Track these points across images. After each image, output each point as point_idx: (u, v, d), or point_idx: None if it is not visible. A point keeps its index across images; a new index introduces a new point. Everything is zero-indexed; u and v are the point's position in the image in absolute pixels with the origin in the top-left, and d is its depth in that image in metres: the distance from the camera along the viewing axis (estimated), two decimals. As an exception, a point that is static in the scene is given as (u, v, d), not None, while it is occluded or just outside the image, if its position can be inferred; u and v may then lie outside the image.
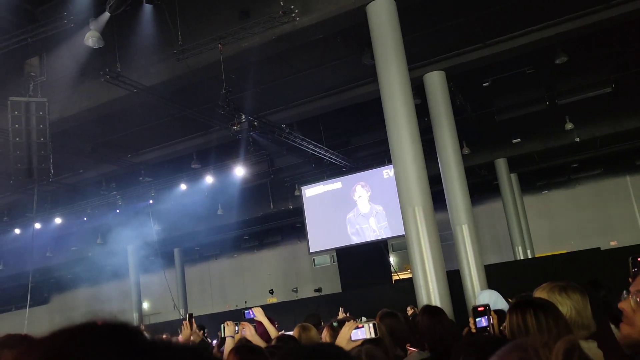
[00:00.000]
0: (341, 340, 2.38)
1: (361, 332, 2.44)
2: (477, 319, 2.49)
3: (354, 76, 10.90)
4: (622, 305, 1.60)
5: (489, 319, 2.48)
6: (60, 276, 22.64)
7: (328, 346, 1.33)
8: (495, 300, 4.29)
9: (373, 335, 2.44)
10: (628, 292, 2.25)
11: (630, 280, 2.20)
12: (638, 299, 1.55)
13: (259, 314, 3.84)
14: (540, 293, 2.15)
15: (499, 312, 2.59)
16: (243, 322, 3.78)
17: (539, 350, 0.70)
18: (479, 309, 2.50)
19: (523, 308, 1.97)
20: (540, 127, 14.78)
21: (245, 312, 3.93)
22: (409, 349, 3.29)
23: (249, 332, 3.66)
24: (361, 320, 3.92)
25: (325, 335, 3.31)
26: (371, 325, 2.48)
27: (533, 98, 13.04)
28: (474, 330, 2.48)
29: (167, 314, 20.32)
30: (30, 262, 12.31)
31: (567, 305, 2.03)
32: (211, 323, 10.79)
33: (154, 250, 17.84)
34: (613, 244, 17.25)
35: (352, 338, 2.38)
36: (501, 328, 2.14)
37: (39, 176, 9.20)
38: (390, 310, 3.88)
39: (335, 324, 3.42)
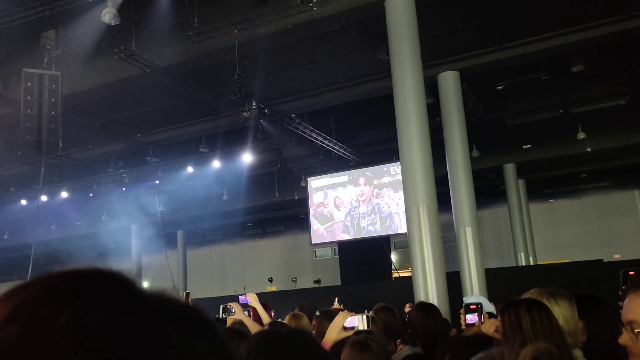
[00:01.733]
0: (333, 328, 2.38)
1: (353, 320, 2.44)
2: (468, 315, 2.50)
3: (367, 70, 10.85)
4: (621, 341, 1.60)
5: (480, 317, 2.49)
6: (64, 250, 22.79)
7: (296, 332, 1.34)
8: (483, 303, 4.29)
9: (366, 327, 2.45)
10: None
11: (620, 294, 2.18)
12: (634, 330, 1.54)
13: (253, 300, 3.86)
14: (529, 296, 2.14)
15: (488, 314, 2.59)
16: (231, 303, 3.83)
17: (506, 356, 0.70)
18: (472, 306, 2.51)
19: (516, 306, 1.96)
20: (551, 135, 14.68)
21: (240, 297, 3.96)
22: (399, 345, 3.29)
23: (238, 309, 3.70)
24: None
25: (287, 320, 3.35)
26: (364, 317, 2.48)
27: (546, 105, 12.95)
28: (464, 327, 2.49)
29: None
30: (34, 234, 12.38)
31: (555, 312, 2.02)
32: (209, 307, 10.84)
33: (157, 230, 17.92)
34: (616, 257, 17.16)
35: (346, 326, 2.38)
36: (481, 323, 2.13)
37: (48, 149, 9.24)
38: (386, 304, 3.88)
39: (317, 313, 3.44)
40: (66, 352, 0.39)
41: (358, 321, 2.45)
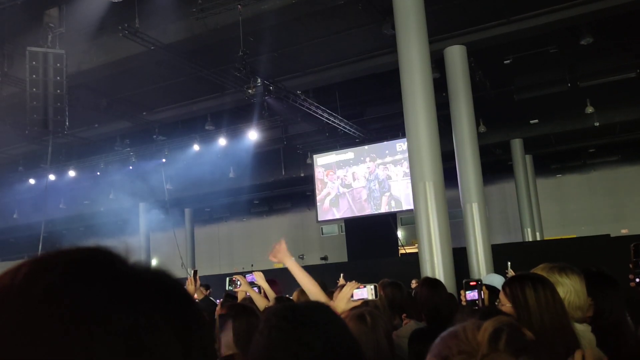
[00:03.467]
0: (342, 298, 2.41)
1: (362, 292, 2.47)
2: (468, 292, 2.53)
3: (373, 45, 10.74)
4: None
5: (479, 293, 2.52)
6: (73, 228, 23.01)
7: (315, 306, 1.33)
8: (499, 282, 4.33)
9: (373, 297, 2.49)
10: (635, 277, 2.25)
11: (630, 266, 2.19)
12: None
13: (259, 278, 3.89)
14: (538, 272, 2.14)
15: (490, 288, 2.62)
16: (236, 275, 3.88)
17: (468, 332, 0.71)
18: (471, 283, 2.54)
19: (521, 281, 1.96)
20: (559, 109, 14.54)
21: (247, 275, 4.00)
22: (405, 319, 3.32)
23: (243, 281, 3.75)
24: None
25: (295, 296, 3.37)
26: (372, 287, 2.52)
27: (554, 79, 12.80)
28: (464, 303, 2.52)
29: (175, 273, 20.63)
30: (44, 212, 12.50)
31: (566, 285, 2.02)
32: (217, 283, 10.95)
33: (164, 209, 18.03)
34: (624, 232, 17.12)
35: (354, 297, 2.41)
36: (495, 303, 2.14)
37: (54, 128, 9.26)
38: (393, 280, 3.91)
39: None
40: (21, 306, 0.41)
41: (367, 292, 2.49)
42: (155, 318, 0.44)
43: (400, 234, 18.61)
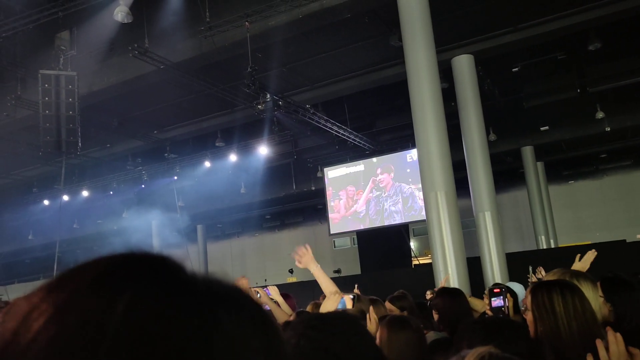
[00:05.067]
0: (328, 309, 2.43)
1: (345, 302, 2.50)
2: (493, 299, 2.50)
3: (380, 57, 10.79)
4: None
5: (504, 300, 2.50)
6: (86, 248, 23.16)
7: (343, 316, 1.35)
8: (520, 291, 4.31)
9: (350, 307, 2.51)
10: None
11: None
12: None
13: (274, 293, 3.90)
14: (551, 278, 2.12)
15: (512, 294, 2.60)
16: (256, 288, 3.89)
17: None
18: (495, 290, 2.52)
19: (549, 288, 1.91)
20: (569, 115, 14.46)
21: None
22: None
23: (262, 293, 3.77)
24: None
25: (310, 309, 3.38)
26: (351, 297, 2.54)
27: (563, 85, 12.75)
28: (488, 310, 2.50)
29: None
30: (58, 232, 12.60)
31: None
32: (231, 299, 10.94)
33: (177, 226, 18.11)
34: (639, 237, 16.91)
35: (339, 307, 2.44)
36: (522, 309, 2.12)
37: (68, 149, 9.37)
38: (399, 293, 3.92)
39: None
40: (123, 343, 0.38)
41: (347, 301, 2.51)
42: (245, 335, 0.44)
43: (413, 244, 18.53)
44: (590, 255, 3.04)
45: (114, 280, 0.42)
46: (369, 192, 14.59)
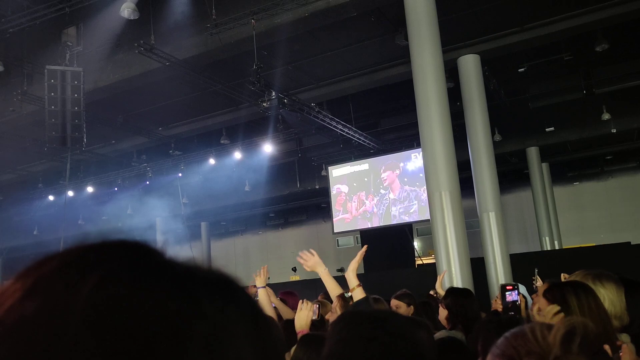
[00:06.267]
0: (303, 317, 2.48)
1: (315, 310, 2.67)
2: (508, 293, 2.53)
3: (386, 56, 10.77)
4: None
5: (518, 295, 2.54)
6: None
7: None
8: (523, 291, 4.31)
9: (316, 317, 2.60)
10: None
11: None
12: None
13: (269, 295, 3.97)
14: (574, 279, 2.10)
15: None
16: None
17: (537, 333, 0.69)
18: (508, 287, 2.55)
19: (562, 287, 1.90)
20: (575, 116, 14.41)
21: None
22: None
23: (271, 294, 3.81)
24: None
25: (335, 305, 3.40)
26: (315, 307, 2.70)
27: (569, 86, 12.71)
28: (500, 308, 2.52)
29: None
30: (63, 229, 12.64)
31: (601, 294, 1.96)
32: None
33: (181, 223, 18.14)
34: (645, 239, 16.83)
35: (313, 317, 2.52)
36: (530, 310, 2.11)
37: (73, 144, 9.40)
38: (402, 292, 3.94)
39: (347, 294, 3.50)
40: (89, 327, 0.36)
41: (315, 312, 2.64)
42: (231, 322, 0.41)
43: (416, 244, 18.50)
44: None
45: (82, 264, 0.40)
46: (373, 192, 14.55)
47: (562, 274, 2.86)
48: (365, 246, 2.84)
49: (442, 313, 3.32)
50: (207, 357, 0.38)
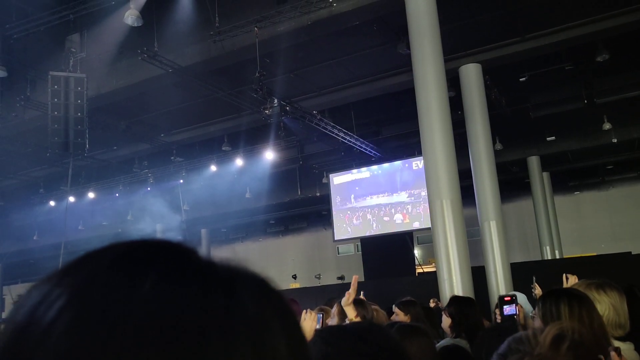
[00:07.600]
0: (307, 328, 2.51)
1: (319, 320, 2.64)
2: (505, 307, 2.52)
3: (388, 65, 10.81)
4: None
5: (516, 308, 2.53)
6: (91, 249, 23.22)
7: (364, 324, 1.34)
8: (523, 300, 4.30)
9: (319, 326, 2.60)
10: None
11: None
12: None
13: None
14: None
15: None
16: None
17: (531, 339, 0.72)
18: (506, 298, 2.54)
19: (557, 296, 1.91)
20: (576, 126, 14.44)
21: None
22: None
23: None
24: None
25: (335, 312, 3.42)
26: (320, 315, 2.67)
27: (571, 95, 12.74)
28: (499, 319, 2.52)
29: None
30: (63, 234, 12.64)
31: (604, 302, 1.97)
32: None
33: (182, 229, 18.14)
34: (645, 249, 16.80)
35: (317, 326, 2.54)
36: (531, 316, 2.13)
37: (75, 150, 9.44)
38: (407, 299, 3.95)
39: None
40: (149, 325, 0.37)
41: (319, 320, 2.64)
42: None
43: (417, 252, 18.48)
44: (572, 280, 3.03)
45: (134, 262, 0.41)
46: (374, 200, 14.57)
47: (564, 274, 2.86)
48: (355, 276, 2.89)
49: (446, 321, 3.33)
50: (251, 351, 0.40)
